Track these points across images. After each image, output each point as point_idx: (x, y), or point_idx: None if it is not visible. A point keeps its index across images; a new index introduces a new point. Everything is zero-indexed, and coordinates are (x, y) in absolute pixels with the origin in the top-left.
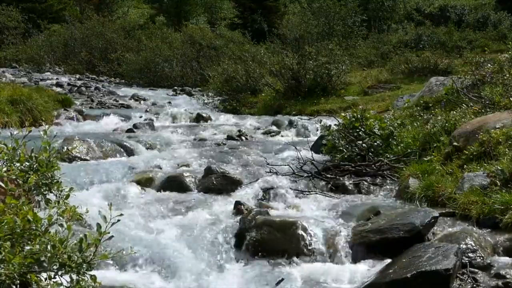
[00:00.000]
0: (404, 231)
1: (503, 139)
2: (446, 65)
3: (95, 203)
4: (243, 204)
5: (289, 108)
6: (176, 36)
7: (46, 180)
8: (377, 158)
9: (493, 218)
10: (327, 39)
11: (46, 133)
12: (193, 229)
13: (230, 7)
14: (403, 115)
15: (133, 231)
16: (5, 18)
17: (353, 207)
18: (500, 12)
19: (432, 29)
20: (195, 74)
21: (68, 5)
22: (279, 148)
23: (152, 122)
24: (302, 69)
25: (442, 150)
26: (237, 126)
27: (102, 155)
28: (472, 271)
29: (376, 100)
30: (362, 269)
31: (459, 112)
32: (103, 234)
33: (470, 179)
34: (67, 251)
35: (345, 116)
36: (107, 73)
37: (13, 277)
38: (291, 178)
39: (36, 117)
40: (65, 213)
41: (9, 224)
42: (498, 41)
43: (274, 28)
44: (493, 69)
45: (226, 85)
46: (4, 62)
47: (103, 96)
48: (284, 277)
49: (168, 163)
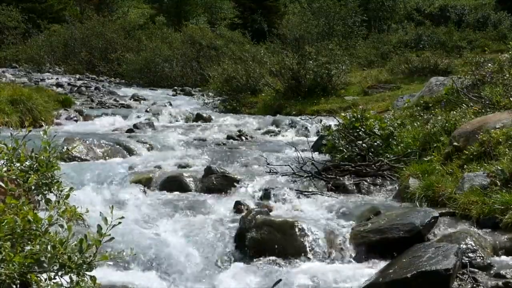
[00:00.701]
0: (404, 231)
1: (503, 139)
2: (446, 65)
3: (95, 203)
4: (243, 204)
5: (289, 108)
6: (176, 36)
7: (46, 180)
8: (377, 158)
9: (493, 218)
10: (327, 39)
11: (46, 133)
12: (193, 229)
13: (230, 7)
14: (403, 115)
15: (133, 231)
16: (5, 18)
17: (353, 207)
18: (500, 12)
19: (432, 29)
20: (195, 74)
21: (68, 5)
22: (279, 148)
23: (152, 122)
24: (302, 69)
25: (442, 150)
26: (237, 126)
27: (102, 155)
28: (472, 271)
29: (376, 100)
30: (362, 269)
31: (459, 112)
32: (104, 236)
33: (470, 179)
34: (67, 251)
35: (345, 116)
36: (107, 73)
37: (13, 277)
38: (291, 178)
39: (36, 117)
40: (65, 213)
41: (9, 224)
42: (498, 41)
43: (274, 28)
44: (493, 69)
45: (226, 85)
46: (4, 62)
47: (103, 96)
48: (284, 277)
49: (168, 163)
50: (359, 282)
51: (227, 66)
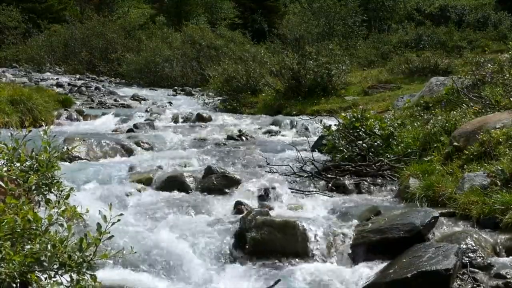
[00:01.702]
0: (404, 231)
1: (503, 139)
2: (447, 65)
3: (95, 203)
4: (244, 204)
5: (289, 108)
6: (176, 36)
7: (47, 180)
8: (378, 158)
9: (494, 218)
10: (327, 39)
11: (46, 133)
12: (193, 229)
13: (230, 7)
14: (403, 115)
15: (133, 231)
16: (5, 18)
17: (354, 207)
18: (500, 12)
19: (432, 29)
20: (195, 74)
21: (69, 5)
22: (279, 148)
23: (152, 122)
24: (302, 69)
25: (442, 150)
26: (237, 126)
27: (102, 155)
28: (473, 271)
29: (376, 100)
30: (362, 269)
31: (459, 112)
32: (103, 234)
33: (471, 179)
34: (67, 250)
35: (345, 116)
36: (108, 73)
37: (13, 276)
38: (292, 178)
39: (36, 117)
40: (65, 213)
41: (10, 224)
42: (498, 41)
43: (274, 28)
44: (493, 69)
45: (226, 85)
46: (4, 62)
47: (104, 96)
48: (284, 277)
49: (168, 163)
50: (359, 282)
51: (227, 66)
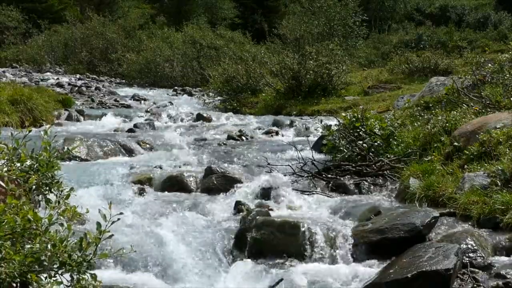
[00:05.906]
0: (404, 231)
1: (503, 139)
2: (447, 65)
3: (95, 203)
4: (244, 204)
5: (289, 108)
6: (176, 36)
7: (47, 180)
8: (378, 158)
9: (494, 218)
10: (327, 39)
11: (47, 133)
12: (193, 229)
13: (230, 7)
14: (403, 115)
15: (133, 231)
16: (6, 18)
17: (354, 207)
18: (500, 12)
19: (432, 29)
20: (195, 74)
21: (69, 5)
22: (279, 148)
23: (152, 122)
24: (302, 69)
25: (442, 150)
26: (237, 126)
27: (102, 155)
28: (473, 271)
29: (376, 100)
30: (363, 269)
31: (460, 112)
32: (103, 233)
33: (471, 179)
34: (68, 250)
35: (345, 116)
36: (108, 73)
37: (14, 276)
38: (292, 178)
39: (36, 117)
40: (65, 213)
41: (10, 224)
42: (499, 41)
43: (275, 28)
44: (493, 69)
45: (226, 85)
46: (4, 62)
47: (104, 96)
48: (284, 277)
49: (168, 163)
50: (360, 282)
51: (227, 66)
